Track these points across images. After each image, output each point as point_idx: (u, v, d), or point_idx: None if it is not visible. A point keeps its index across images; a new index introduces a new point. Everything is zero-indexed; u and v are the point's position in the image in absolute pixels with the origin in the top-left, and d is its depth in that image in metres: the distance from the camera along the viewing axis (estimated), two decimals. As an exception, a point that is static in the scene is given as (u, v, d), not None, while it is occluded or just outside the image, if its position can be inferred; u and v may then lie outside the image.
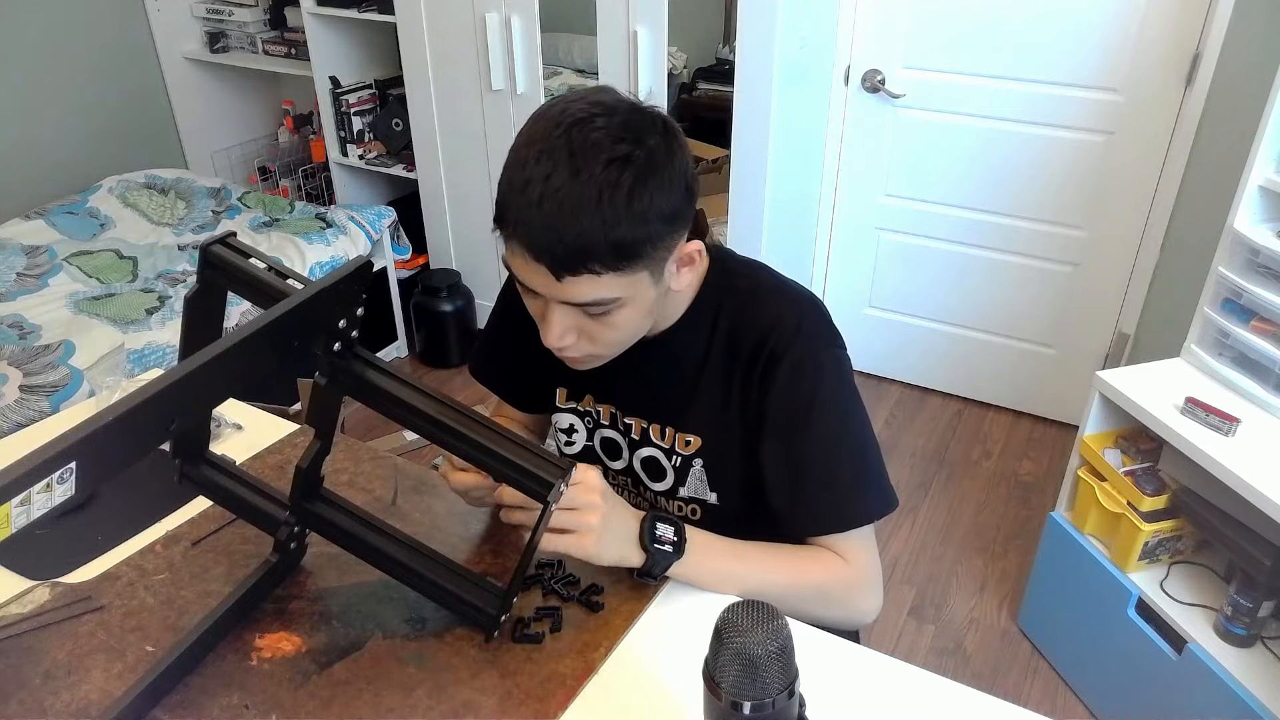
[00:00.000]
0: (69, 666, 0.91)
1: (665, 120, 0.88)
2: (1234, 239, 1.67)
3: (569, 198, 0.82)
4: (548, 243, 0.83)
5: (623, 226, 0.83)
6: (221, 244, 0.82)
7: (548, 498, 0.86)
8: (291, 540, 0.98)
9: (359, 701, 0.88)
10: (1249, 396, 1.67)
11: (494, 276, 3.05)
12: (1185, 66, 2.18)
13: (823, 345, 1.00)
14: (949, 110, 2.48)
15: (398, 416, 0.89)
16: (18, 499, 0.56)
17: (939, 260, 2.69)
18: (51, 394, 2.05)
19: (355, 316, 0.84)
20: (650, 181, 0.83)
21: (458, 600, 0.93)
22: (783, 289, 1.03)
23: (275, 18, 3.28)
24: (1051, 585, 1.97)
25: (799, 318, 0.99)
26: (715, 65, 3.94)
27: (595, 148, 0.82)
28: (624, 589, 1.01)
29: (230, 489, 0.98)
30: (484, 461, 0.89)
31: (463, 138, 2.84)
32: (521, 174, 0.83)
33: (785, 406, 0.98)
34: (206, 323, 0.85)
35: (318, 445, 0.91)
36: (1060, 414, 2.76)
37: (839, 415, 1.00)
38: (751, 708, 0.61)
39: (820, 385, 0.98)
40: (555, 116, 0.85)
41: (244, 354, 0.71)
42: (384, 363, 0.90)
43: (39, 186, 2.94)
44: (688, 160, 0.88)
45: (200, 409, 0.71)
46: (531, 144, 0.84)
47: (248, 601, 0.96)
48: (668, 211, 0.86)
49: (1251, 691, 1.51)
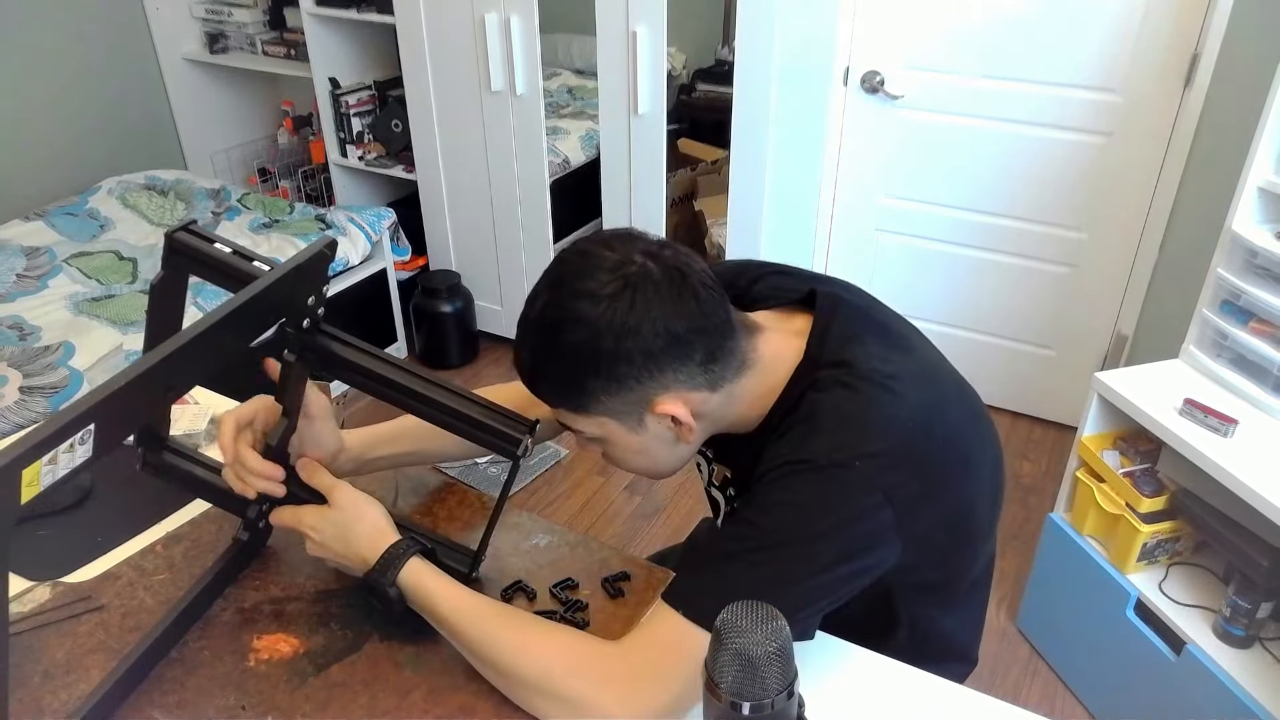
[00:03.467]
0: (68, 666, 0.91)
1: (660, 285, 0.82)
2: (1232, 240, 1.67)
3: (525, 326, 0.86)
4: (516, 361, 0.88)
5: (542, 382, 0.88)
6: (185, 230, 0.85)
7: (516, 453, 0.93)
8: (260, 519, 1.01)
9: (355, 704, 0.88)
10: (1247, 398, 1.67)
11: (493, 277, 3.05)
12: (1184, 67, 2.18)
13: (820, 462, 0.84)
14: (948, 111, 2.48)
15: (367, 387, 0.94)
16: (47, 457, 0.61)
17: (938, 261, 2.69)
18: (51, 395, 2.05)
19: (322, 294, 0.89)
20: (576, 350, 0.82)
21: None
22: (840, 417, 0.85)
23: (274, 18, 3.27)
24: (1050, 586, 1.97)
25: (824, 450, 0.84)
26: (714, 66, 3.94)
27: (570, 286, 0.83)
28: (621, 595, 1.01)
29: (193, 473, 1.00)
30: (453, 423, 0.94)
31: (462, 138, 2.84)
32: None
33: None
34: (169, 310, 0.88)
35: (285, 423, 0.94)
36: (1059, 415, 2.76)
37: (764, 521, 0.84)
38: (751, 708, 0.61)
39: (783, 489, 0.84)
40: (577, 248, 0.86)
41: (226, 329, 0.77)
42: (349, 337, 0.94)
43: (38, 188, 2.94)
44: (656, 331, 0.81)
45: (191, 378, 0.78)
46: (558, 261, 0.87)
47: (221, 580, 1.00)
48: (578, 386, 0.84)
49: (1250, 692, 1.52)
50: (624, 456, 0.92)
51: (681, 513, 2.43)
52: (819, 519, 0.82)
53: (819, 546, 0.82)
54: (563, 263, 0.85)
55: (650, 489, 2.52)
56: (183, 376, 0.76)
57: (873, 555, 0.84)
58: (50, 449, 0.61)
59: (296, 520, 0.95)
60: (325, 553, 0.95)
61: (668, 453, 0.92)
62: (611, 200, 2.70)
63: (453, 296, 3.01)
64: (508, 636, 0.87)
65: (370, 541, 0.93)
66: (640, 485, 2.54)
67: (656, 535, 2.36)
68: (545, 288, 0.85)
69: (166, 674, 0.90)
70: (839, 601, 0.85)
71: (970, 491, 0.92)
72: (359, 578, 0.94)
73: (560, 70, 4.02)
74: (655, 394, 0.85)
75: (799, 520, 0.82)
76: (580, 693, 0.82)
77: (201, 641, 0.94)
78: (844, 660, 0.95)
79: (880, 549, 0.84)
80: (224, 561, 1.00)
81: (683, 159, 3.65)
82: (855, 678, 0.93)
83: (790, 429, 0.87)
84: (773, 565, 0.81)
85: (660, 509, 2.45)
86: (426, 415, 0.95)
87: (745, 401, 0.91)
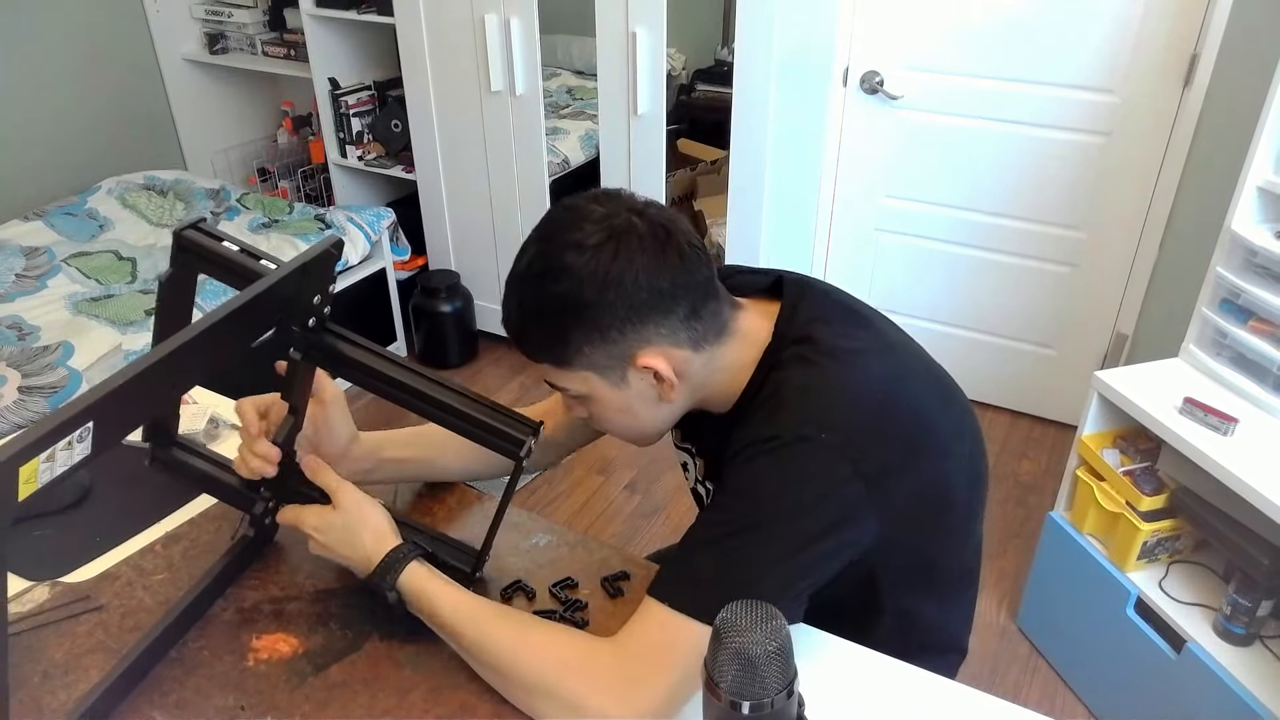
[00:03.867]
0: (67, 666, 0.91)
1: (645, 237, 0.83)
2: (1232, 239, 1.67)
3: (512, 279, 0.87)
4: (505, 316, 0.89)
5: (528, 334, 0.88)
6: (194, 228, 0.85)
7: (519, 454, 0.93)
8: (267, 515, 1.01)
9: (355, 704, 0.88)
10: (1247, 396, 1.67)
11: (492, 277, 3.05)
12: (1183, 67, 2.18)
13: (789, 437, 0.84)
14: (948, 112, 2.48)
15: (372, 386, 0.95)
16: (44, 454, 0.61)
17: (938, 261, 2.69)
18: (50, 395, 2.05)
19: (328, 292, 0.90)
20: (560, 299, 0.83)
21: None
22: (803, 391, 0.86)
23: (274, 19, 3.27)
24: (1050, 585, 1.97)
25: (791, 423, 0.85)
26: (714, 66, 3.95)
27: (556, 241, 0.84)
28: (621, 595, 1.01)
29: (202, 469, 1.01)
30: (456, 423, 0.95)
31: (462, 139, 2.84)
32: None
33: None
34: (178, 308, 0.89)
35: (291, 421, 0.95)
36: (1059, 414, 2.76)
37: (737, 504, 0.84)
38: (750, 708, 0.61)
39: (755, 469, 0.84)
40: (565, 203, 0.87)
41: (230, 327, 0.77)
42: (355, 336, 0.94)
43: (38, 187, 2.94)
44: (639, 284, 0.82)
45: (194, 377, 0.77)
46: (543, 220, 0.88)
47: (227, 575, 1.00)
48: (561, 337, 0.85)
49: (1250, 690, 1.52)
50: (608, 415, 0.93)
51: (681, 512, 2.43)
52: (789, 496, 0.82)
53: (794, 524, 0.82)
54: (550, 219, 0.87)
55: (650, 488, 2.52)
56: (186, 374, 0.76)
57: (849, 530, 0.84)
58: (48, 446, 0.61)
59: (299, 519, 0.96)
60: (327, 553, 0.95)
61: (651, 413, 0.93)
62: (611, 200, 2.69)
63: (452, 296, 3.01)
64: (506, 638, 0.87)
65: (372, 544, 0.93)
66: (640, 484, 2.54)
67: (656, 534, 2.36)
68: (533, 241, 0.87)
69: (165, 674, 0.90)
70: (820, 582, 0.84)
71: (944, 468, 0.91)
72: (360, 578, 0.94)
73: (560, 70, 4.02)
74: (637, 347, 0.86)
75: (770, 499, 0.82)
76: (577, 693, 0.82)
77: (201, 641, 0.94)
78: (843, 660, 0.95)
79: (856, 524, 0.84)
80: (230, 557, 1.00)
81: (682, 159, 3.66)
82: (855, 677, 0.93)
83: (757, 410, 0.88)
84: (749, 548, 0.81)
85: (660, 508, 2.45)
86: (431, 414, 0.95)
87: (724, 371, 0.92)
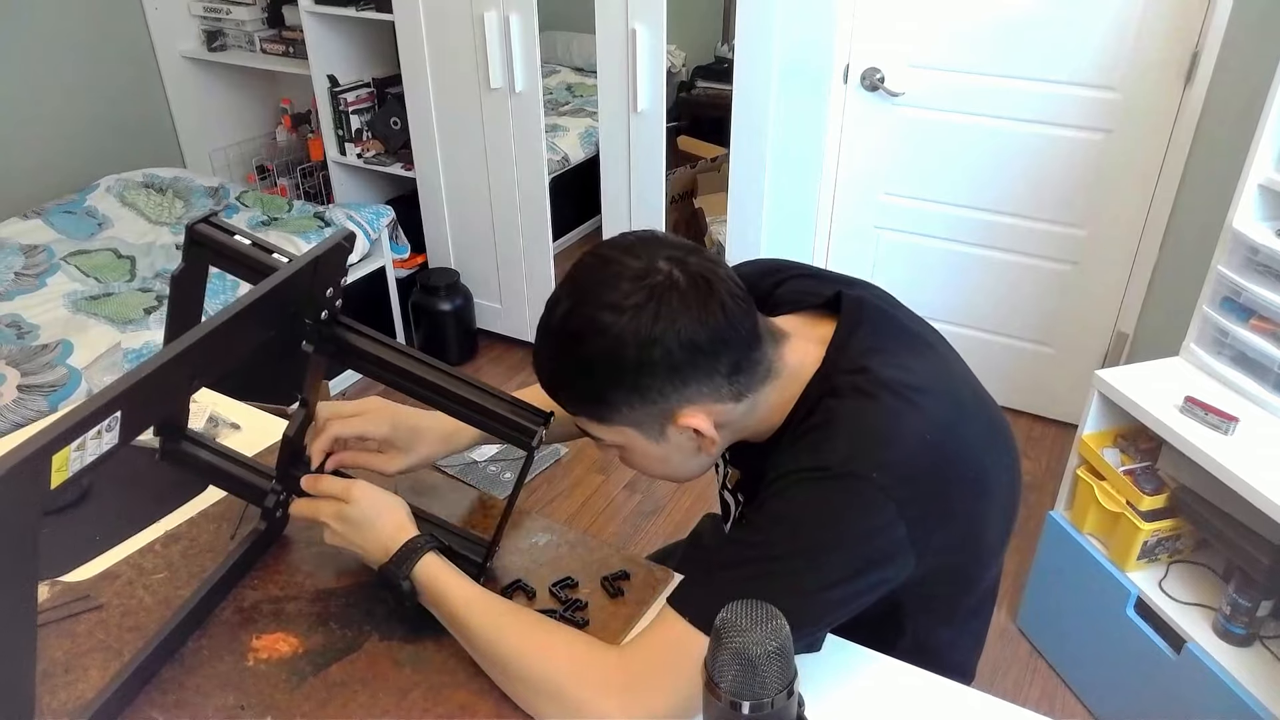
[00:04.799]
0: (66, 665, 0.91)
1: (683, 292, 0.79)
2: (1233, 237, 1.67)
3: (546, 333, 0.84)
4: (537, 367, 0.87)
5: (562, 390, 0.86)
6: (206, 222, 0.85)
7: (530, 444, 0.93)
8: (278, 508, 1.02)
9: (355, 703, 0.88)
10: (1248, 395, 1.67)
11: (492, 275, 3.05)
12: (1184, 65, 2.18)
13: (831, 472, 0.81)
14: (948, 109, 2.47)
15: (383, 377, 0.95)
16: (75, 443, 0.62)
17: (938, 259, 2.69)
18: (50, 393, 2.04)
19: (340, 286, 0.90)
20: (599, 361, 0.80)
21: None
22: (858, 425, 0.83)
23: (273, 16, 3.27)
24: (1050, 585, 1.97)
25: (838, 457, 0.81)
26: (714, 63, 3.95)
27: (593, 295, 0.80)
28: (621, 595, 1.01)
29: (212, 463, 1.02)
30: (467, 413, 0.95)
31: (461, 136, 2.84)
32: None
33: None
34: (190, 300, 0.89)
35: (302, 414, 0.95)
36: (1059, 413, 2.75)
37: (777, 530, 0.81)
38: (750, 707, 0.61)
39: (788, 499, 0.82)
40: (599, 252, 0.83)
41: (248, 319, 0.78)
42: (366, 328, 0.94)
43: (37, 186, 2.94)
44: (681, 343, 0.79)
45: (214, 369, 0.78)
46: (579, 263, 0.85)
47: (240, 568, 1.00)
48: (599, 397, 0.83)
49: (1250, 691, 1.51)
50: (644, 464, 0.91)
51: (681, 511, 2.43)
52: (830, 530, 0.79)
53: (832, 559, 0.79)
54: (585, 269, 0.83)
55: (650, 487, 2.52)
56: (206, 366, 0.77)
57: (886, 570, 0.81)
58: (79, 435, 0.62)
59: (316, 510, 0.95)
60: (344, 543, 0.95)
61: (688, 462, 0.91)
62: (611, 198, 2.70)
63: (451, 294, 3.01)
64: (515, 637, 0.87)
65: (390, 533, 0.93)
66: (640, 484, 2.54)
67: (656, 534, 2.36)
68: (566, 295, 0.82)
69: (166, 674, 0.90)
70: (848, 616, 0.83)
71: (983, 511, 0.89)
72: (360, 578, 0.94)
73: (559, 67, 4.02)
74: (679, 406, 0.83)
75: (811, 531, 0.79)
76: (583, 698, 0.81)
77: (200, 641, 0.94)
78: (843, 660, 0.95)
79: (894, 564, 0.81)
80: (241, 551, 1.00)
81: (682, 156, 3.65)
82: (855, 677, 0.93)
83: (805, 435, 0.84)
84: (783, 577, 0.79)
85: (660, 507, 2.45)
86: (441, 405, 0.95)
87: (767, 409, 0.89)
